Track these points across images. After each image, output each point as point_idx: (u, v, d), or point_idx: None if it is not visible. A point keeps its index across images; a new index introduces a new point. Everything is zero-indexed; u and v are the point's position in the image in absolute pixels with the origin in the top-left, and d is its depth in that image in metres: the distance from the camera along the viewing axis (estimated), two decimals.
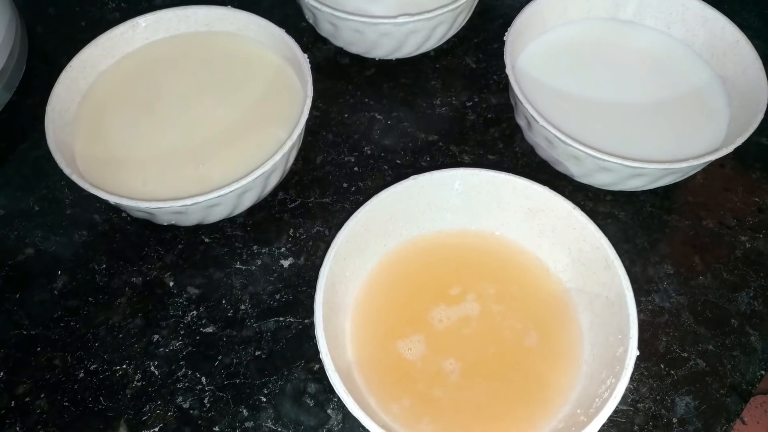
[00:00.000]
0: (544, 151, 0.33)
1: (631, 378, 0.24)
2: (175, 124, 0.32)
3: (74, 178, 0.29)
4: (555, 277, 0.29)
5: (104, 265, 0.32)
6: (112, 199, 0.28)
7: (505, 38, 0.33)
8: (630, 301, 0.25)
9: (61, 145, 0.30)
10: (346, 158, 0.36)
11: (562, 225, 0.28)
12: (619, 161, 0.29)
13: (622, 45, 0.36)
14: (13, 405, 0.29)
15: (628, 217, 0.34)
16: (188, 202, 0.28)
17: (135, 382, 0.29)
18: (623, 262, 0.26)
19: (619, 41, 0.36)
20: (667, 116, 0.34)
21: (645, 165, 0.29)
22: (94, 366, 0.30)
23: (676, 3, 0.35)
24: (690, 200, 0.35)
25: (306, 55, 0.32)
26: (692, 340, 0.30)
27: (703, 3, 0.34)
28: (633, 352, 0.24)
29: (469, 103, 0.38)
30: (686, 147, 0.32)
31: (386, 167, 0.36)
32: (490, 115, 0.38)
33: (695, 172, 0.32)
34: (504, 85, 0.39)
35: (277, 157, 0.29)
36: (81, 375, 0.29)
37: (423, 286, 0.29)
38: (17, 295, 0.31)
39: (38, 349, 0.30)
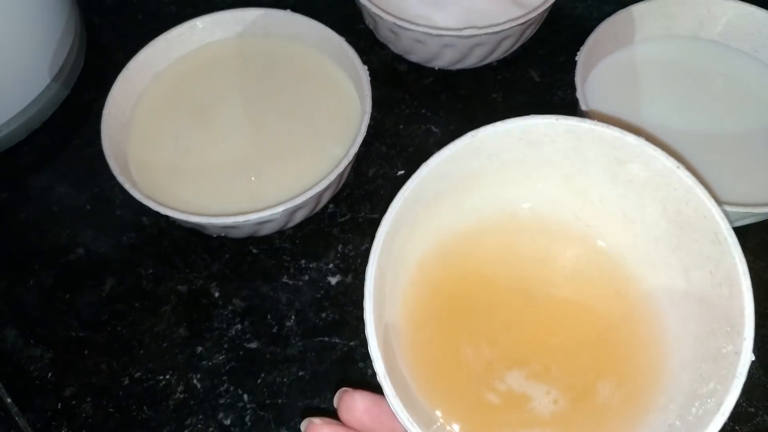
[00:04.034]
0: None
1: None
2: (229, 132, 0.32)
3: (127, 187, 0.28)
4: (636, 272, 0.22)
5: (151, 270, 0.32)
6: (163, 211, 0.28)
7: (576, 58, 0.31)
8: (746, 289, 0.19)
9: (116, 149, 0.30)
10: (398, 172, 0.35)
11: (657, 183, 0.21)
12: None
13: (703, 67, 0.34)
14: (59, 407, 0.29)
15: None
16: (240, 219, 0.27)
17: (178, 394, 0.29)
18: None
19: (700, 62, 0.34)
20: (749, 149, 0.31)
21: (724, 207, 0.27)
22: (139, 374, 0.30)
23: (767, 24, 0.32)
24: (767, 239, 0.32)
25: (366, 68, 0.31)
26: (761, 394, 0.28)
27: None
28: (747, 357, 0.19)
29: None
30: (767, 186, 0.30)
31: None
32: None
33: None
34: (569, 102, 0.37)
35: (332, 176, 0.28)
36: (126, 382, 0.29)
37: (464, 324, 0.23)
38: (67, 296, 0.32)
39: (86, 352, 0.30)
